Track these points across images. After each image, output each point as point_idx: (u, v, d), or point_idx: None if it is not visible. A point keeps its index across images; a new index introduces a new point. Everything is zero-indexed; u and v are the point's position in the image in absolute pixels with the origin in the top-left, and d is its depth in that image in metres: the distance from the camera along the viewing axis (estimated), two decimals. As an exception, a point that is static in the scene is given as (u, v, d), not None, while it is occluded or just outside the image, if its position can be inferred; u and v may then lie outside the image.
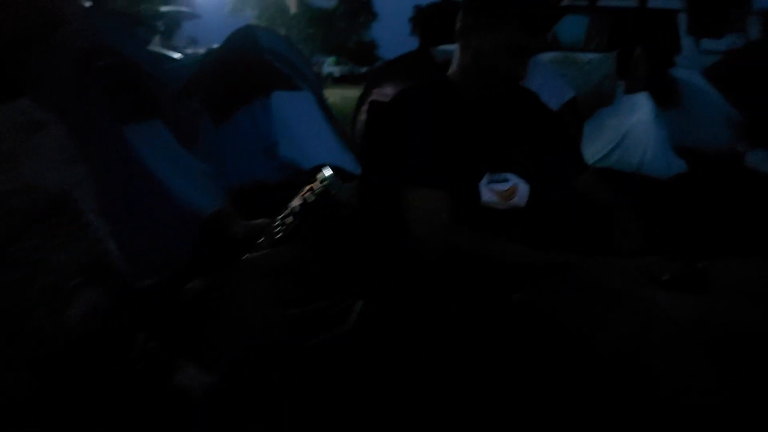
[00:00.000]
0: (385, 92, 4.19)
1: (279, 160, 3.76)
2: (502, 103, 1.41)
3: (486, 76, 1.36)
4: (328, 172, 0.60)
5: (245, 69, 4.18)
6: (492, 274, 1.19)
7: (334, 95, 9.10)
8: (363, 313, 1.21)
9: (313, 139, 3.96)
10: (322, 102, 4.62)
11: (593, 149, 4.84)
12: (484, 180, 1.33)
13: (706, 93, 4.98)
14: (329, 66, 30.95)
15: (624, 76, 5.11)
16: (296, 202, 0.60)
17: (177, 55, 6.36)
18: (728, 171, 4.40)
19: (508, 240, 1.25)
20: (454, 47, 1.42)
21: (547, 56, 6.89)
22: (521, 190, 1.35)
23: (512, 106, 1.44)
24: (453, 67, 1.43)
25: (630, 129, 4.78)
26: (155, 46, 8.10)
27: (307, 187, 0.60)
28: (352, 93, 8.33)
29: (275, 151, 3.79)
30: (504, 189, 1.33)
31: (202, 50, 6.89)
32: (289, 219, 0.60)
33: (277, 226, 0.61)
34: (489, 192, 1.33)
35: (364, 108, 4.02)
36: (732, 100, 4.94)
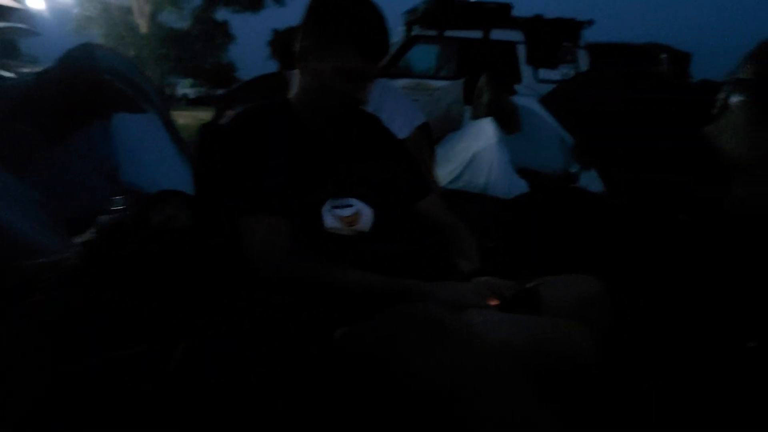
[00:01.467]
0: (237, 115, 4.06)
1: (120, 185, 3.52)
2: (343, 128, 1.40)
3: (325, 100, 1.34)
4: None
5: (83, 89, 3.89)
6: (323, 306, 1.16)
7: (186, 117, 8.81)
8: (188, 354, 1.13)
9: (158, 163, 3.74)
10: (169, 124, 4.41)
11: (445, 172, 5.04)
12: (327, 206, 1.31)
13: (542, 119, 5.37)
14: (184, 87, 29.88)
15: (470, 102, 5.40)
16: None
17: (7, 74, 5.80)
18: (563, 191, 4.75)
19: (351, 266, 1.23)
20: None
21: (400, 83, 7.14)
22: (365, 215, 1.34)
23: (354, 130, 1.43)
24: (293, 90, 1.41)
25: (476, 152, 5.03)
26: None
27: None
28: (206, 115, 8.10)
29: (116, 175, 3.54)
30: (347, 214, 1.31)
31: (38, 69, 6.36)
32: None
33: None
34: (332, 218, 1.30)
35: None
36: (565, 125, 5.37)
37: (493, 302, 1.15)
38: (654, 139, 4.67)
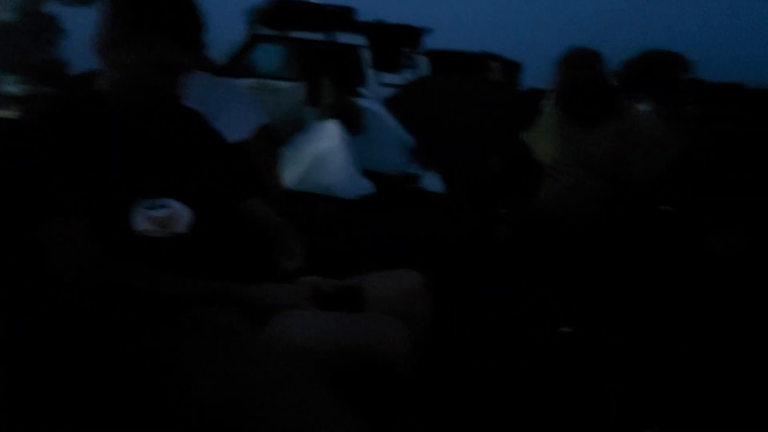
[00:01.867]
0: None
1: None
2: (158, 124, 1.31)
3: (137, 95, 1.25)
4: None
5: None
6: (126, 311, 1.08)
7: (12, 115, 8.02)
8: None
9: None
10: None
11: (292, 173, 5.00)
12: (139, 206, 1.22)
13: (386, 121, 5.50)
14: (9, 85, 27.17)
15: (315, 103, 5.40)
16: None
17: None
18: (406, 192, 4.90)
19: (164, 270, 1.15)
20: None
21: (243, 82, 6.98)
22: (181, 216, 1.27)
23: (171, 126, 1.35)
24: (103, 83, 1.30)
25: (321, 154, 5.04)
26: None
27: None
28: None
29: None
30: (160, 215, 1.23)
31: None
32: None
33: None
34: (144, 220, 1.22)
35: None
36: (407, 128, 5.54)
37: (313, 302, 1.13)
38: (484, 143, 4.95)
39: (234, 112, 3.59)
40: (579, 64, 2.33)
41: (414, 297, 1.28)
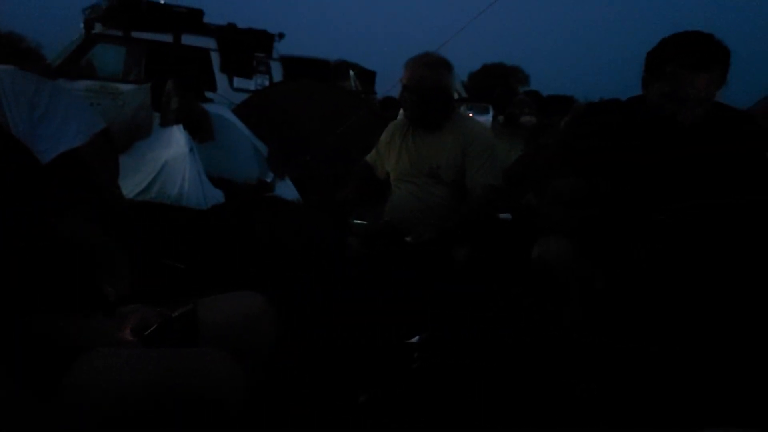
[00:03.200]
0: None
1: None
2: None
3: None
4: None
5: None
6: None
7: None
8: None
9: None
10: None
11: (133, 182, 4.68)
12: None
13: (236, 127, 5.33)
14: None
15: (160, 108, 5.10)
16: None
17: None
18: (259, 200, 4.76)
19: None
20: None
21: (81, 84, 6.45)
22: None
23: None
24: None
25: (167, 161, 4.77)
26: None
27: None
28: None
29: None
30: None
31: None
32: None
33: None
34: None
35: None
36: (259, 134, 5.41)
37: (135, 335, 1.01)
38: (337, 150, 4.97)
39: (71, 118, 3.29)
40: (423, 70, 2.37)
41: (256, 321, 1.20)
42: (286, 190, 5.13)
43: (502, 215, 2.58)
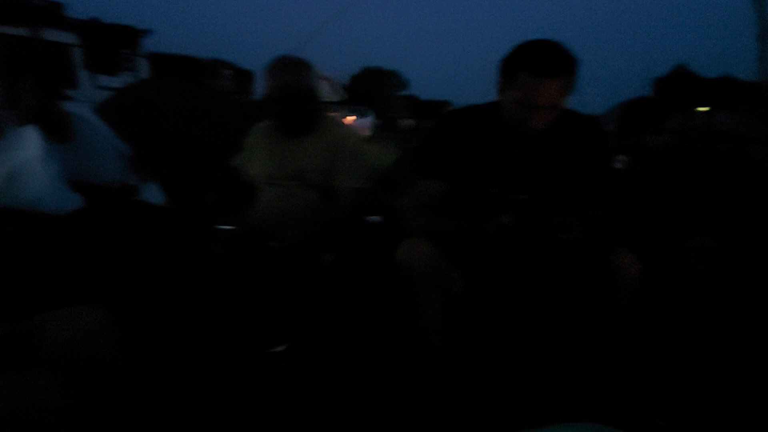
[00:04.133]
0: None
1: None
2: None
3: None
4: None
5: None
6: None
7: None
8: None
9: None
10: None
11: (-17, 186, 4.28)
12: None
13: (97, 127, 5.00)
14: None
15: (14, 106, 4.70)
16: None
17: None
18: (123, 204, 4.50)
19: None
20: None
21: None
22: None
23: None
24: None
25: (20, 164, 4.39)
26: None
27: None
28: None
29: None
30: None
31: None
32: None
33: None
34: None
35: None
36: (122, 135, 5.11)
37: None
38: (207, 152, 4.80)
39: None
40: (283, 75, 2.34)
41: (98, 337, 1.13)
42: (151, 194, 4.89)
43: (372, 218, 2.61)
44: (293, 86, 2.33)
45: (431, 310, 1.88)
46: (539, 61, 1.81)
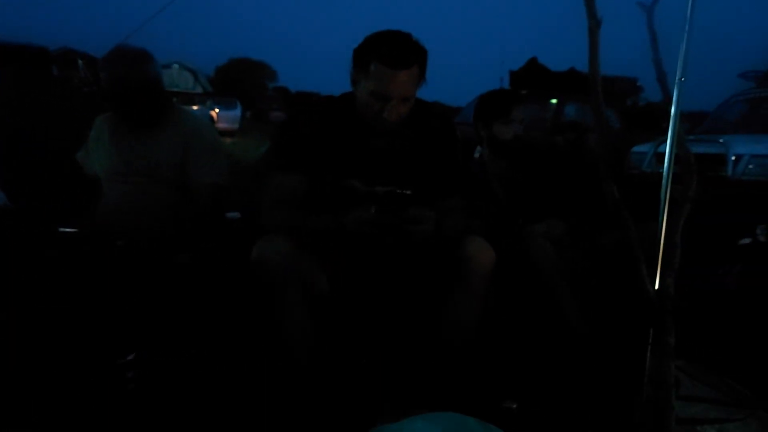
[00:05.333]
0: None
1: None
2: None
3: None
4: None
5: None
6: None
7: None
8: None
9: None
10: None
11: None
12: None
13: None
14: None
15: None
16: None
17: None
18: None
19: None
20: None
21: None
22: None
23: None
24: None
25: None
26: None
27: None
28: None
29: None
30: None
31: None
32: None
33: None
34: None
35: None
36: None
37: None
38: (52, 147, 4.45)
39: None
40: (119, 68, 2.20)
41: None
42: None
43: (230, 214, 2.53)
44: (130, 78, 2.19)
45: (292, 309, 1.82)
46: (391, 52, 1.82)
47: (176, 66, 25.14)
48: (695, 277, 2.95)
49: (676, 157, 1.41)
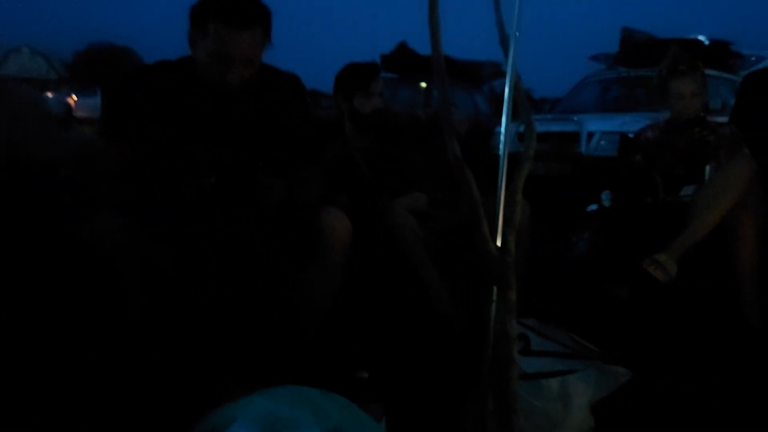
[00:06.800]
0: None
1: None
2: None
3: None
4: None
5: None
6: None
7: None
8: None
9: None
10: None
11: None
12: None
13: None
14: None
15: None
16: None
17: None
18: None
19: None
20: None
21: None
22: None
23: None
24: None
25: None
26: None
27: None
28: None
29: None
30: None
31: None
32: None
33: None
34: None
35: None
36: None
37: None
38: None
39: None
40: None
41: None
42: None
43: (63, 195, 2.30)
44: None
45: (131, 291, 1.68)
46: (232, 10, 1.71)
47: (26, 50, 23.13)
48: (554, 249, 3.10)
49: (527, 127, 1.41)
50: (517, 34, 1.36)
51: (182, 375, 1.69)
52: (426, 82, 9.04)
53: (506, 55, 1.42)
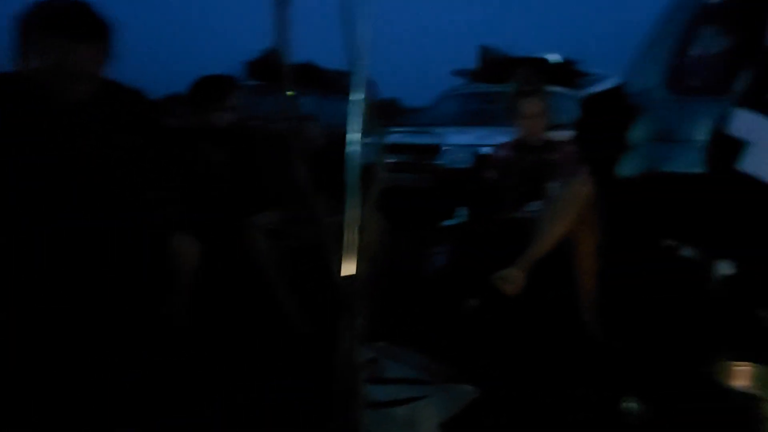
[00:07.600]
0: None
1: None
2: None
3: None
4: None
5: None
6: None
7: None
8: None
9: None
10: None
11: None
12: None
13: None
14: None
15: None
16: None
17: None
18: None
19: None
20: None
21: None
22: None
23: None
24: None
25: None
26: None
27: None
28: None
29: None
30: None
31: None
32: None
33: None
34: None
35: None
36: None
37: None
38: None
39: None
40: None
41: None
42: None
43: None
44: None
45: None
46: (71, 22, 1.59)
47: None
48: (411, 262, 3.15)
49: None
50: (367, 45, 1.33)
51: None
52: (293, 90, 8.90)
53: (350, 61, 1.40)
